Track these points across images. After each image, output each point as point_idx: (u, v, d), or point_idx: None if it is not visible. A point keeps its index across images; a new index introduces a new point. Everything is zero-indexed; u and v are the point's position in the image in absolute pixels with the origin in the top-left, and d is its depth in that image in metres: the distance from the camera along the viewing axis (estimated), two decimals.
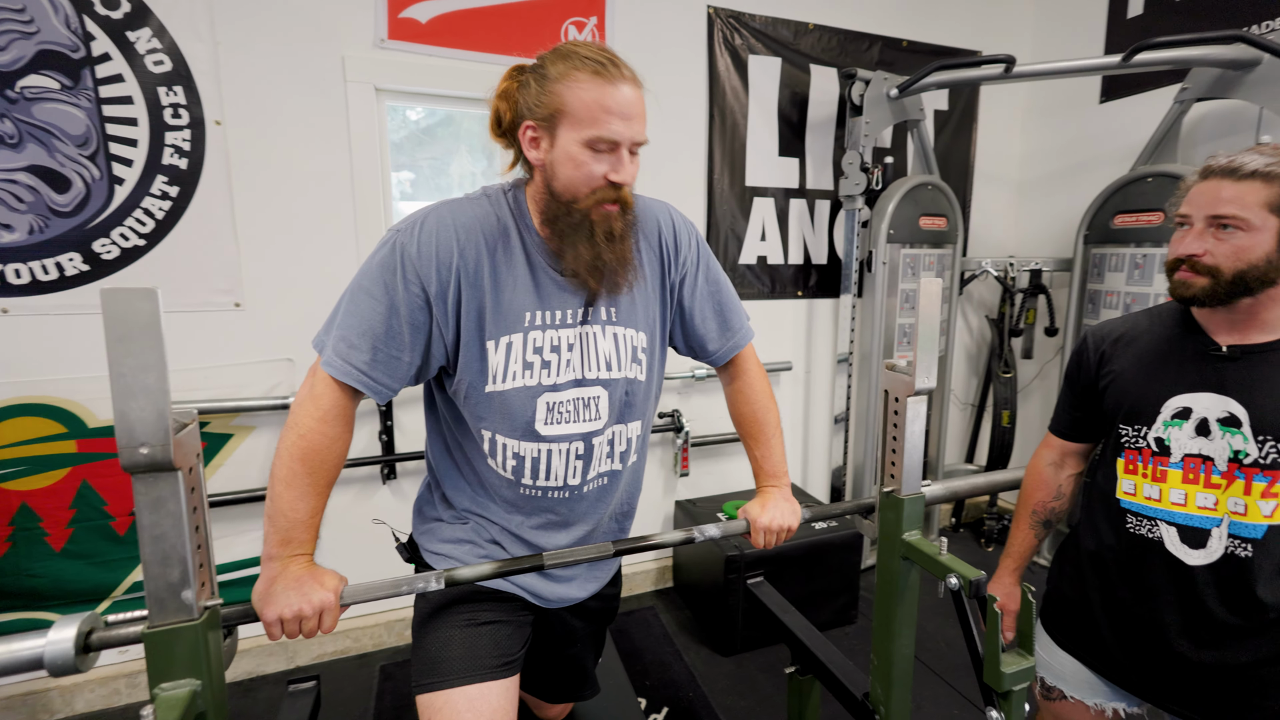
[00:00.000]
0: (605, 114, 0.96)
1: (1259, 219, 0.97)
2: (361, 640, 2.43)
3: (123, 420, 0.76)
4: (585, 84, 0.96)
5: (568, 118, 0.97)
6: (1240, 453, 1.01)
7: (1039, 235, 3.39)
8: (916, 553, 1.23)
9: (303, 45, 2.09)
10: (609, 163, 0.99)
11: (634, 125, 0.99)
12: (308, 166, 2.15)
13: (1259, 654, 1.02)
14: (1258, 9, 2.49)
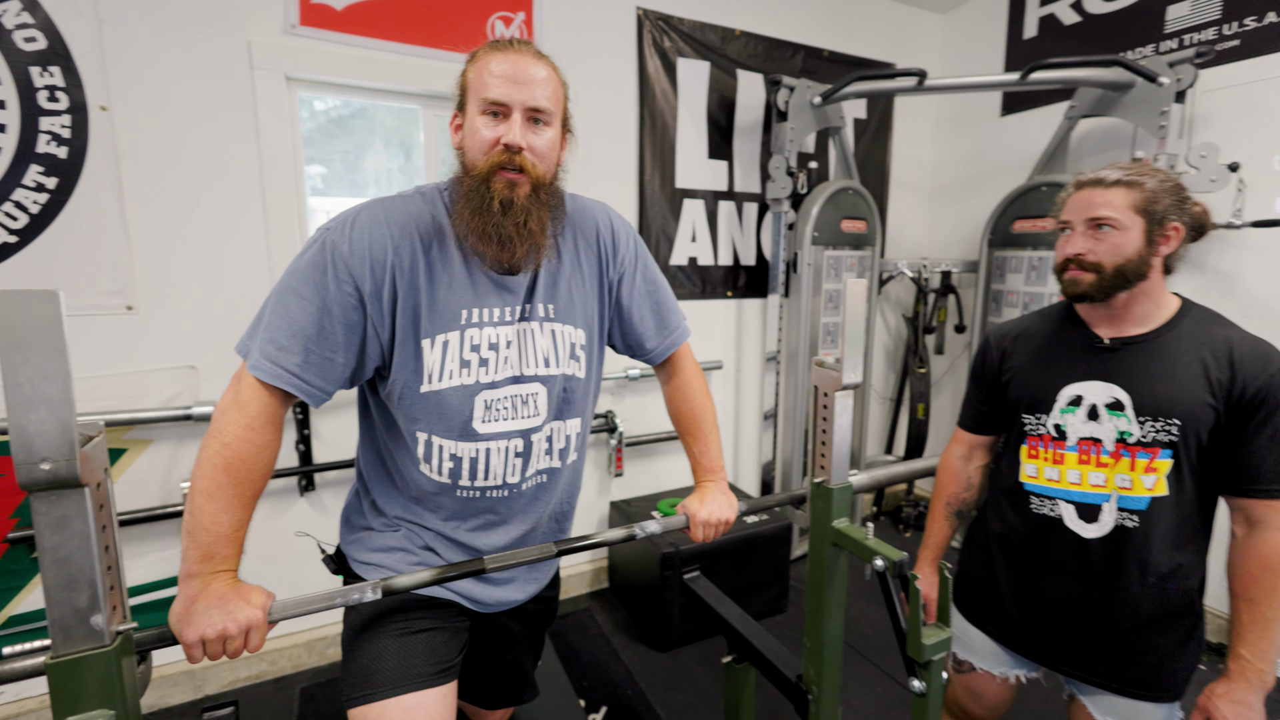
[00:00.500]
0: (494, 78, 0.98)
1: (1128, 219, 1.09)
2: (279, 663, 2.31)
3: (20, 434, 0.68)
4: (483, 58, 1.00)
5: (470, 92, 1.01)
6: (1125, 433, 1.12)
7: (949, 238, 3.61)
8: (845, 539, 1.29)
9: (203, 28, 1.95)
10: (503, 129, 0.99)
11: (526, 90, 0.98)
12: (211, 159, 2.01)
13: (1142, 615, 1.13)
14: (1134, 36, 2.74)
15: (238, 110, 2.03)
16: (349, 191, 2.47)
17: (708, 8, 2.83)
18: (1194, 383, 1.08)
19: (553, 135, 1.04)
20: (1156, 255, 1.12)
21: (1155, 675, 1.14)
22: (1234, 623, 1.10)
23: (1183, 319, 1.14)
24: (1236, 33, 2.43)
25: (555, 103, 1.03)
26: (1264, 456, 1.05)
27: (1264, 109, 2.34)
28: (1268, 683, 1.07)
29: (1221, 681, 1.09)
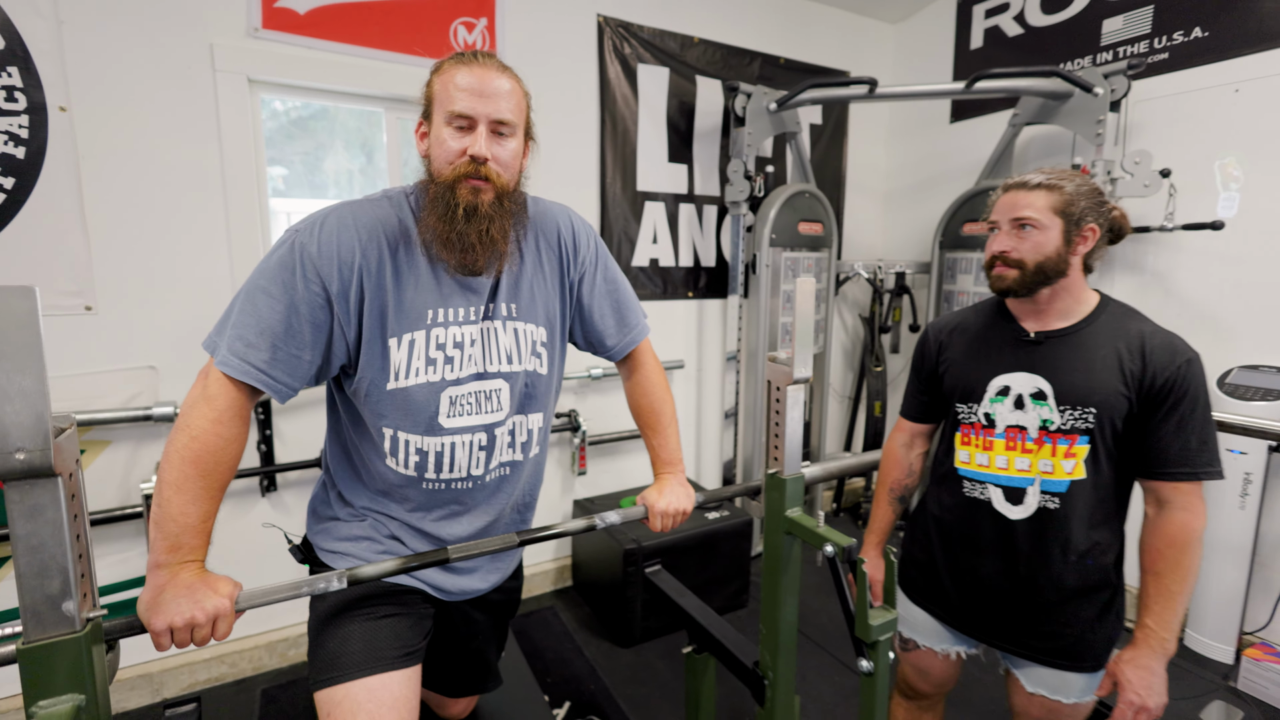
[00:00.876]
0: (459, 91, 1.02)
1: (1048, 220, 1.18)
2: (239, 664, 2.28)
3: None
4: (449, 71, 1.04)
5: (436, 104, 1.05)
6: (1047, 421, 1.20)
7: (903, 241, 3.73)
8: (798, 527, 1.34)
9: (165, 29, 1.94)
10: (468, 140, 1.03)
11: (490, 103, 1.03)
12: (172, 160, 2.00)
13: (1064, 590, 1.21)
14: (1073, 48, 2.88)
15: (199, 112, 2.02)
16: (309, 193, 2.46)
17: (667, 15, 2.89)
18: (1109, 374, 1.16)
19: (516, 145, 1.08)
20: (1074, 254, 1.19)
21: (1077, 646, 1.22)
22: (1142, 595, 1.18)
23: (1101, 314, 1.22)
24: (1166, 46, 2.58)
25: (518, 114, 1.07)
26: (1170, 442, 1.13)
27: (1192, 118, 2.49)
28: (1169, 650, 1.15)
29: (1128, 649, 1.17)
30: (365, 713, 1.03)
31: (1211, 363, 2.38)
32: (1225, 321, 2.42)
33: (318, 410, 2.32)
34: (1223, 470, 1.15)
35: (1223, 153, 2.38)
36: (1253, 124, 2.33)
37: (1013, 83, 2.62)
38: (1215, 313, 2.45)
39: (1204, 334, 2.47)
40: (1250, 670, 2.22)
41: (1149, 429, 1.14)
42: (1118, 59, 2.72)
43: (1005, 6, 3.14)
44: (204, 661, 2.21)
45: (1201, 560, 1.15)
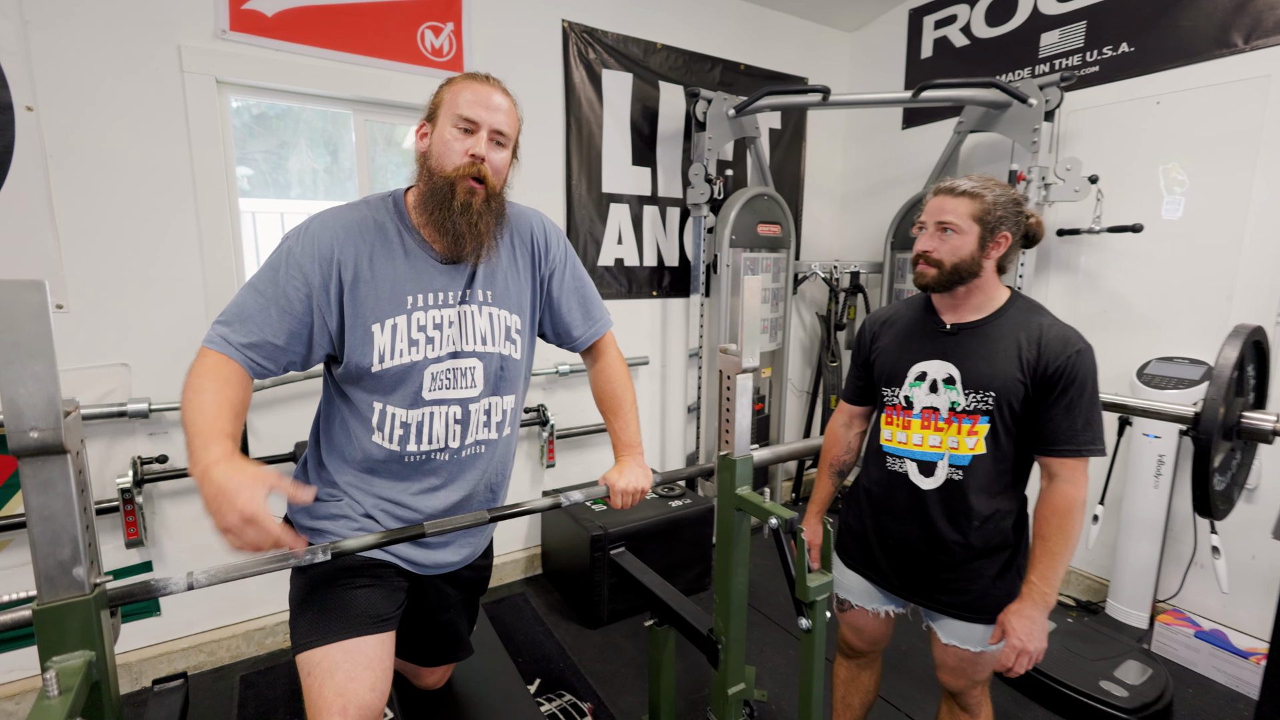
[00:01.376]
0: (469, 102, 1.18)
1: (966, 225, 1.31)
2: (217, 653, 2.34)
3: (11, 406, 0.79)
4: (460, 84, 1.21)
5: (444, 108, 1.20)
6: (955, 403, 1.34)
7: (858, 242, 3.90)
8: (747, 503, 1.48)
9: (132, 31, 1.98)
10: (472, 143, 1.19)
11: (495, 115, 1.20)
12: (142, 161, 2.04)
13: (970, 551, 1.36)
14: (1014, 59, 3.06)
15: (168, 113, 2.06)
16: (274, 192, 2.50)
17: (631, 22, 3.00)
18: (1009, 362, 1.30)
19: (507, 155, 1.25)
20: (988, 258, 1.34)
21: (982, 600, 1.37)
22: (1031, 555, 1.33)
23: (1009, 308, 1.37)
24: (1097, 60, 2.77)
25: (513, 129, 1.24)
26: (1059, 423, 1.28)
27: (1120, 127, 2.68)
28: (1050, 603, 1.31)
29: (1016, 601, 1.33)
30: (343, 671, 1.14)
31: (1132, 355, 2.61)
32: (1145, 317, 2.63)
33: (290, 406, 2.38)
34: (1105, 449, 1.30)
35: (1165, 157, 2.55)
36: (1169, 134, 2.53)
37: (955, 93, 2.79)
38: (1137, 308, 2.66)
39: (1127, 328, 2.68)
40: (1162, 634, 2.43)
41: (1041, 411, 1.29)
42: (1054, 71, 2.90)
43: (953, 18, 3.32)
44: (182, 651, 2.27)
45: (1094, 524, 1.31)
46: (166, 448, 2.17)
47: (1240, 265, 2.36)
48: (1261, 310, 2.29)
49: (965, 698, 1.50)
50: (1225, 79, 2.38)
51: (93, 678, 0.86)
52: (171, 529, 2.22)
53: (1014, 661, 1.31)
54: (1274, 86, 2.25)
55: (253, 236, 2.39)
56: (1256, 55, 2.30)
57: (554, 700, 2.09)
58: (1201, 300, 2.46)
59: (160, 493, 2.19)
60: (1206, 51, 2.42)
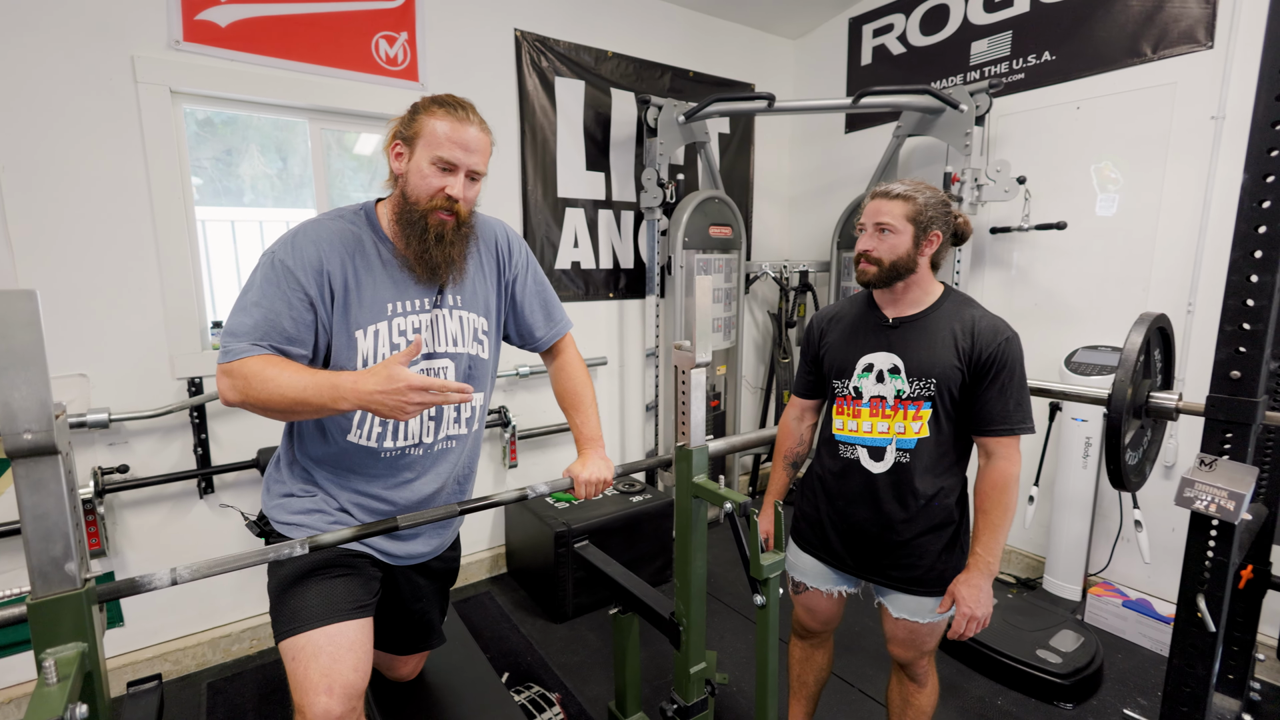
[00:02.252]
0: (450, 143, 1.24)
1: (902, 226, 1.42)
2: (182, 662, 2.32)
3: (5, 409, 0.83)
4: (442, 118, 1.25)
5: (422, 141, 1.25)
6: (900, 391, 1.45)
7: (806, 242, 4.04)
8: (703, 490, 1.55)
9: (84, 41, 1.97)
10: (448, 180, 1.26)
11: (473, 156, 1.26)
12: (96, 171, 2.03)
13: (917, 529, 1.47)
14: (947, 66, 3.23)
15: (122, 123, 2.05)
16: (226, 199, 2.46)
17: (582, 30, 3.06)
18: (946, 350, 1.41)
19: (479, 185, 1.33)
20: (922, 255, 1.45)
21: (929, 575, 1.48)
22: (974, 528, 1.45)
23: (944, 302, 1.48)
24: (1022, 68, 2.95)
25: (487, 162, 1.31)
26: (994, 405, 1.40)
27: (1045, 130, 2.86)
28: (994, 571, 1.43)
29: (964, 572, 1.44)
30: (326, 654, 1.19)
31: (1060, 344, 2.78)
32: (1072, 308, 2.81)
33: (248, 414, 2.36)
34: (1034, 427, 1.43)
35: (1087, 159, 2.73)
36: (1090, 138, 2.72)
37: (892, 99, 2.93)
38: (1065, 301, 2.84)
39: (1055, 319, 2.86)
40: (1094, 605, 2.61)
41: (977, 395, 1.41)
42: (984, 78, 3.08)
43: (890, 27, 3.48)
44: (146, 661, 2.24)
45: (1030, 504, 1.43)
46: (126, 457, 2.15)
47: (1155, 260, 2.55)
48: (1174, 300, 2.49)
49: (914, 668, 1.61)
50: (1137, 86, 2.57)
51: (86, 668, 0.89)
52: (134, 539, 2.20)
53: (964, 627, 1.42)
54: (1180, 94, 2.45)
55: (203, 245, 2.36)
56: (1164, 64, 2.49)
57: (522, 692, 2.13)
58: (1123, 292, 2.65)
59: (121, 503, 2.17)
60: (1120, 60, 2.61)
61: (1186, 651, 1.42)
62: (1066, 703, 2.15)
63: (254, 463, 2.33)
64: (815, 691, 1.81)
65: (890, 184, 1.47)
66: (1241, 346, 1.25)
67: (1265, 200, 1.18)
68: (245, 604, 2.45)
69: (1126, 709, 2.12)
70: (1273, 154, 1.16)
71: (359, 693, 1.21)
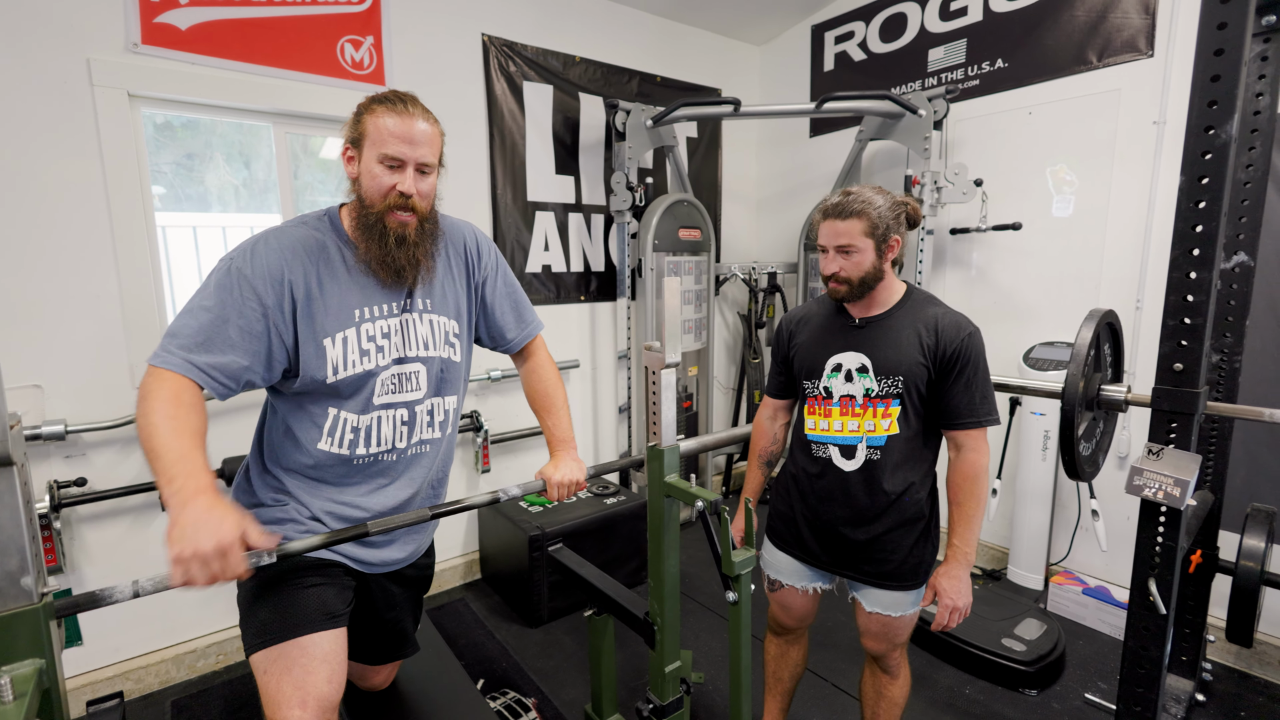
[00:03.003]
0: (393, 138, 1.21)
1: (862, 243, 1.45)
2: (145, 680, 2.25)
3: None
4: (382, 115, 1.22)
5: (368, 140, 1.23)
6: (869, 389, 1.48)
7: (774, 244, 4.10)
8: (675, 489, 1.57)
9: (37, 44, 1.92)
10: (398, 177, 1.23)
11: (419, 149, 1.23)
12: (52, 176, 1.98)
13: (888, 525, 1.50)
14: (906, 73, 3.31)
15: (78, 127, 2.00)
16: (189, 206, 2.41)
17: (549, 35, 3.07)
18: (912, 348, 1.46)
19: (433, 179, 1.30)
20: (885, 262, 1.48)
21: (902, 569, 1.51)
22: (950, 521, 1.49)
23: (907, 301, 1.52)
24: (977, 74, 3.04)
25: (436, 154, 1.28)
26: (960, 399, 1.44)
27: (1000, 135, 2.96)
28: (971, 560, 1.47)
29: (943, 564, 1.49)
30: (299, 666, 1.17)
31: (1019, 340, 2.87)
32: (1030, 306, 2.91)
33: (217, 422, 2.29)
34: (999, 418, 1.48)
35: (1040, 163, 2.82)
36: (1042, 142, 2.81)
37: (854, 104, 3.00)
38: (1022, 299, 2.93)
39: (1014, 317, 2.95)
40: (1056, 594, 2.69)
41: (943, 390, 1.45)
42: (941, 84, 3.17)
43: (851, 34, 3.55)
44: (107, 680, 2.18)
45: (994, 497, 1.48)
46: (84, 470, 2.09)
47: (1105, 259, 2.65)
48: (1124, 297, 2.59)
49: (887, 660, 1.64)
50: (1084, 92, 2.67)
51: (43, 685, 0.87)
52: (91, 554, 2.14)
53: (948, 618, 1.46)
54: (1124, 100, 2.55)
55: (164, 251, 2.31)
56: (1109, 71, 2.59)
57: (498, 699, 2.12)
58: (1077, 290, 2.75)
59: (79, 517, 2.11)
60: (1068, 68, 2.71)
61: (1140, 634, 1.48)
62: (1031, 689, 2.22)
63: (220, 472, 2.28)
64: (790, 687, 1.84)
65: (839, 200, 1.47)
66: (1183, 340, 1.31)
67: (1201, 201, 1.24)
68: (211, 618, 2.39)
69: (1088, 693, 2.20)
70: (1206, 157, 1.23)
71: (333, 705, 1.19)
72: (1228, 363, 1.91)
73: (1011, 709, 2.15)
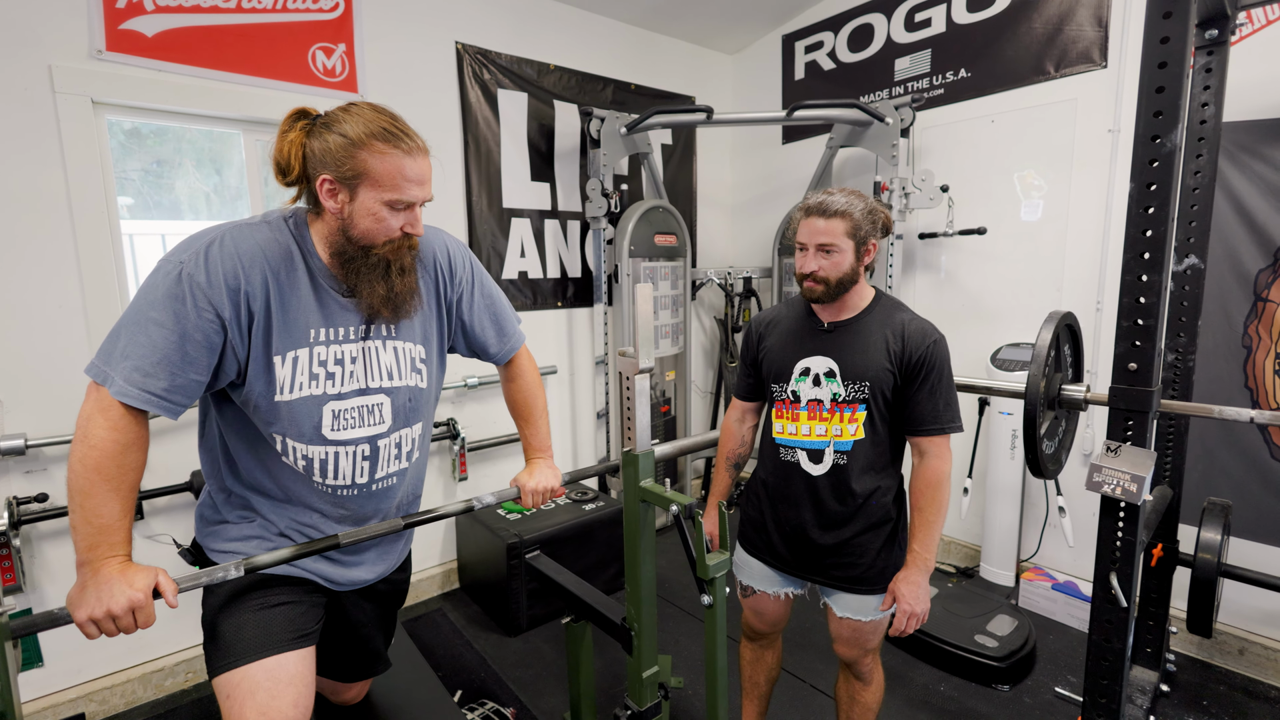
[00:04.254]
0: (405, 181, 1.13)
1: (844, 244, 1.46)
2: (110, 701, 2.20)
3: None
4: (389, 155, 1.11)
5: (369, 180, 1.11)
6: (836, 394, 1.51)
7: (749, 249, 4.15)
8: (650, 494, 1.58)
9: None
10: (405, 219, 1.17)
11: (426, 189, 1.18)
12: (11, 185, 1.94)
13: (856, 529, 1.52)
14: (874, 82, 3.38)
15: (40, 135, 1.97)
16: (160, 215, 2.39)
17: (524, 44, 3.09)
18: (879, 354, 1.48)
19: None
20: (862, 265, 1.51)
21: (869, 572, 1.53)
22: (911, 526, 1.52)
23: (876, 306, 1.55)
24: (942, 83, 3.12)
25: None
26: (925, 406, 1.47)
27: (964, 142, 3.03)
28: (930, 566, 1.49)
29: (903, 570, 1.50)
30: (264, 690, 1.12)
31: (987, 342, 2.94)
32: (996, 308, 2.97)
33: (185, 434, 2.28)
34: (963, 425, 1.51)
35: (1003, 169, 2.90)
36: (1004, 149, 2.89)
37: (823, 112, 3.05)
38: (989, 301, 3.00)
39: (981, 319, 3.02)
40: (1026, 590, 2.75)
41: (908, 396, 1.47)
42: (908, 93, 3.24)
43: (820, 44, 3.62)
44: (70, 702, 2.12)
45: (965, 496, 1.51)
46: (45, 485, 2.03)
47: (1067, 262, 2.73)
48: (1084, 300, 2.66)
49: (859, 666, 1.66)
50: (1043, 101, 2.75)
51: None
52: (53, 572, 2.08)
53: (905, 624, 1.47)
54: (1080, 109, 2.63)
55: (131, 260, 2.28)
56: (1065, 81, 2.68)
57: (476, 709, 2.11)
58: (1041, 293, 2.82)
59: (40, 534, 2.06)
60: (1027, 78, 2.79)
61: (1103, 627, 1.52)
62: (1003, 685, 2.26)
63: (187, 485, 2.25)
64: (767, 691, 1.86)
65: (823, 199, 1.48)
66: (1137, 340, 1.36)
67: (1150, 206, 1.29)
68: (180, 635, 2.34)
69: (1058, 687, 2.25)
70: (1154, 165, 1.28)
71: None
72: (1182, 362, 1.98)
73: (985, 705, 2.19)
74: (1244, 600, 2.34)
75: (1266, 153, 2.20)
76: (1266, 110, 2.18)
